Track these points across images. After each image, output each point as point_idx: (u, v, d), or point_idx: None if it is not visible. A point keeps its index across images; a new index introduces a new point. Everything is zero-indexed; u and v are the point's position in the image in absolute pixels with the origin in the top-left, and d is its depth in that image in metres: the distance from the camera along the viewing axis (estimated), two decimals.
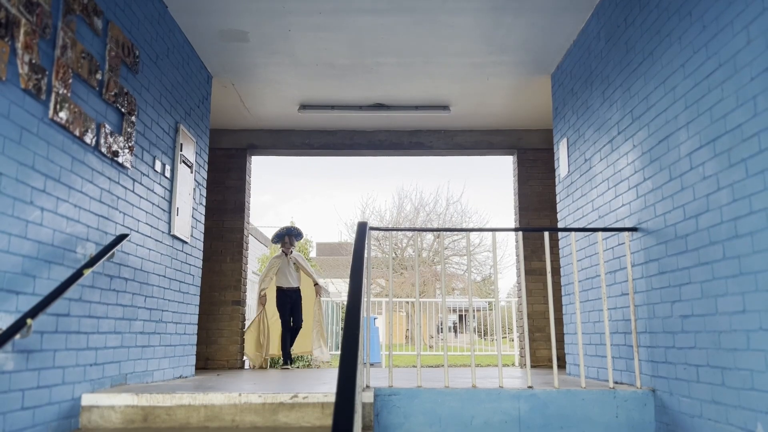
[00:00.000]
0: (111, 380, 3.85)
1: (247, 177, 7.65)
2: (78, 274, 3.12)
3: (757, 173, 2.78)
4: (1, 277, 2.73)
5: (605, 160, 4.59)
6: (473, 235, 21.73)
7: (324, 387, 3.99)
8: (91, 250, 3.54)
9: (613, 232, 4.38)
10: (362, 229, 3.91)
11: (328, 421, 3.45)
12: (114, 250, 3.58)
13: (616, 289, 4.35)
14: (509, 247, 24.57)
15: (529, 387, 3.86)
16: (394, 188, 35.46)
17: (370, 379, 4.17)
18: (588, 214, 4.94)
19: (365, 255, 3.75)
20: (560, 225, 5.69)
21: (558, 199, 5.74)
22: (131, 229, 4.10)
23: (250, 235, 10.50)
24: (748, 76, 2.84)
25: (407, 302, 14.12)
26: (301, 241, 10.29)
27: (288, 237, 7.98)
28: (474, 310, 14.45)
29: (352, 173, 36.57)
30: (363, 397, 3.59)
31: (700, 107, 3.26)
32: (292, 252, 7.92)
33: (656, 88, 3.77)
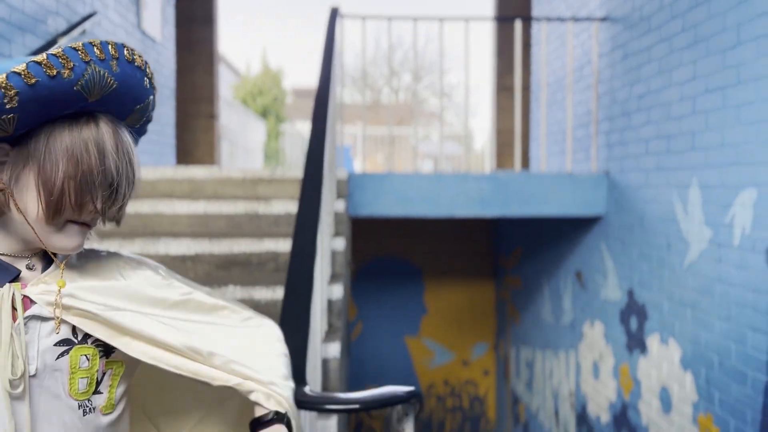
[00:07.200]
0: None
1: None
2: (53, 42, 3.14)
3: None
4: None
5: None
6: (451, 77, 21.51)
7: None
8: (62, 25, 3.51)
9: (583, 23, 4.45)
10: (333, 15, 3.91)
11: None
12: (84, 26, 3.56)
13: (582, 84, 4.51)
14: (485, 92, 24.44)
15: (492, 172, 4.13)
16: (370, 26, 34.12)
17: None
18: (562, 14, 4.95)
19: (335, 47, 3.78)
20: (535, 31, 5.70)
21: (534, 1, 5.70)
22: (99, 13, 4.04)
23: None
24: None
25: (381, 138, 14.28)
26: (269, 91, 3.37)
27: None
28: (445, 158, 14.74)
29: (325, 6, 34.87)
30: (337, 173, 3.81)
31: None
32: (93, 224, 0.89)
33: None
